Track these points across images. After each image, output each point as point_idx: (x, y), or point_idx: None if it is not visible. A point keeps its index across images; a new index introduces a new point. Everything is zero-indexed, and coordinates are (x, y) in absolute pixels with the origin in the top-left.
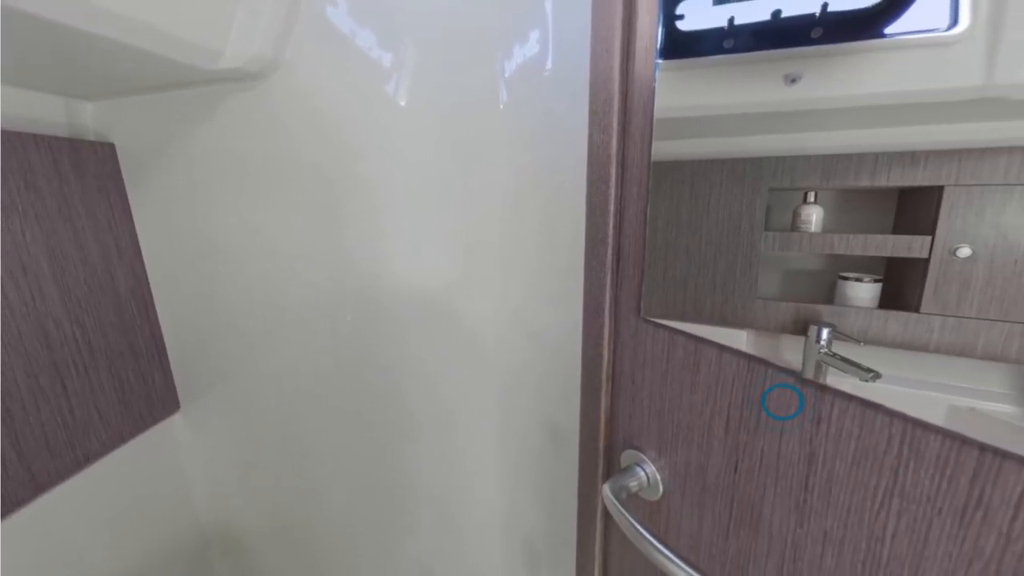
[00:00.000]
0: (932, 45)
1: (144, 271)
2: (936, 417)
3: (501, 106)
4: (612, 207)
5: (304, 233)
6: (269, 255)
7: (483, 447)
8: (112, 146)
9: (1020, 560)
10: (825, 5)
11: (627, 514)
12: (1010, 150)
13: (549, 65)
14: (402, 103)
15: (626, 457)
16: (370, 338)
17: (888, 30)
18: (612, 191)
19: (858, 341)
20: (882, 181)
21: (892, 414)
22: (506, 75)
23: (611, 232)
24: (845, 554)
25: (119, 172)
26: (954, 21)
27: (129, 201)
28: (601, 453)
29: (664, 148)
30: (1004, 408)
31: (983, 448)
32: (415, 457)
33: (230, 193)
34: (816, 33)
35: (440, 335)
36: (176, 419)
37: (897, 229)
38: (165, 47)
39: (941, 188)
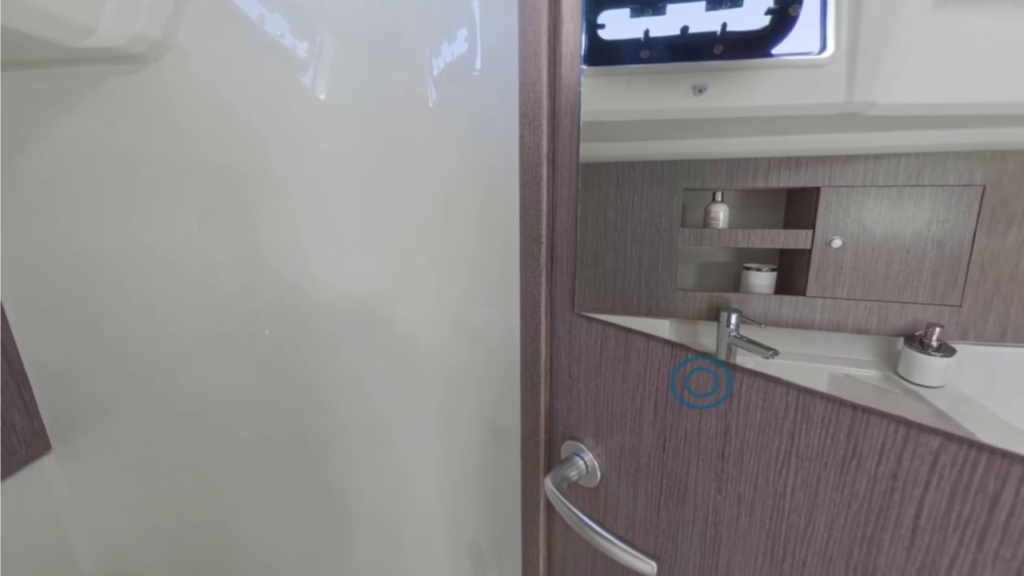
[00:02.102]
0: (807, 66)
1: None
2: (820, 384)
3: (430, 104)
4: (545, 206)
5: (210, 241)
6: (167, 267)
7: (423, 454)
8: None
9: (883, 497)
10: (724, 25)
11: (568, 503)
12: (865, 157)
13: (478, 65)
14: (322, 96)
15: (566, 448)
16: (293, 352)
17: (774, 51)
18: (544, 191)
19: (760, 323)
20: (774, 183)
21: (788, 385)
22: (434, 73)
23: (544, 231)
24: (755, 512)
25: None
26: (823, 46)
27: None
28: (542, 447)
29: (591, 150)
30: (869, 372)
31: (855, 407)
32: (349, 473)
33: (114, 196)
34: (718, 49)
35: (373, 343)
36: (47, 461)
37: (787, 224)
38: (19, 17)
39: (818, 189)
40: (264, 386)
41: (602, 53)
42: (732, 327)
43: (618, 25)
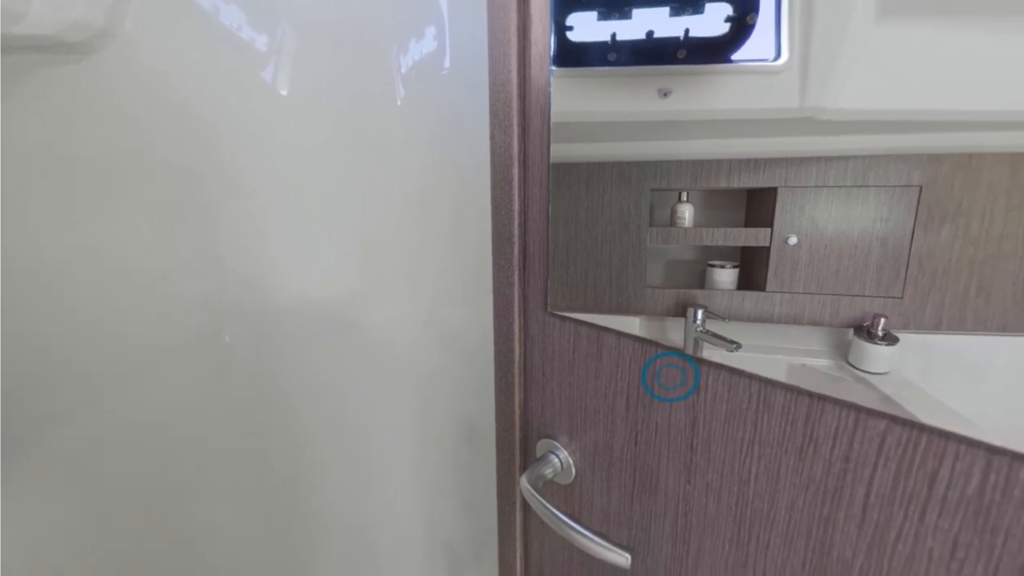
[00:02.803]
0: (764, 72)
1: None
2: (779, 375)
3: (399, 102)
4: (516, 206)
5: (163, 244)
6: (115, 273)
7: (397, 460)
8: None
9: (837, 478)
10: (687, 31)
11: (544, 501)
12: (817, 159)
13: (447, 64)
14: (284, 92)
15: (541, 447)
16: (256, 360)
17: (734, 57)
18: (516, 191)
19: (724, 318)
20: (735, 183)
21: (751, 377)
22: (402, 70)
23: (516, 231)
24: (722, 499)
25: None
26: (778, 54)
27: None
28: (517, 446)
29: (561, 150)
30: (823, 362)
31: (811, 395)
32: (319, 485)
33: (53, 196)
34: (682, 54)
35: (345, 348)
36: None
37: (747, 223)
38: None
39: (776, 189)
40: (225, 397)
41: (571, 55)
42: (698, 322)
43: (586, 27)
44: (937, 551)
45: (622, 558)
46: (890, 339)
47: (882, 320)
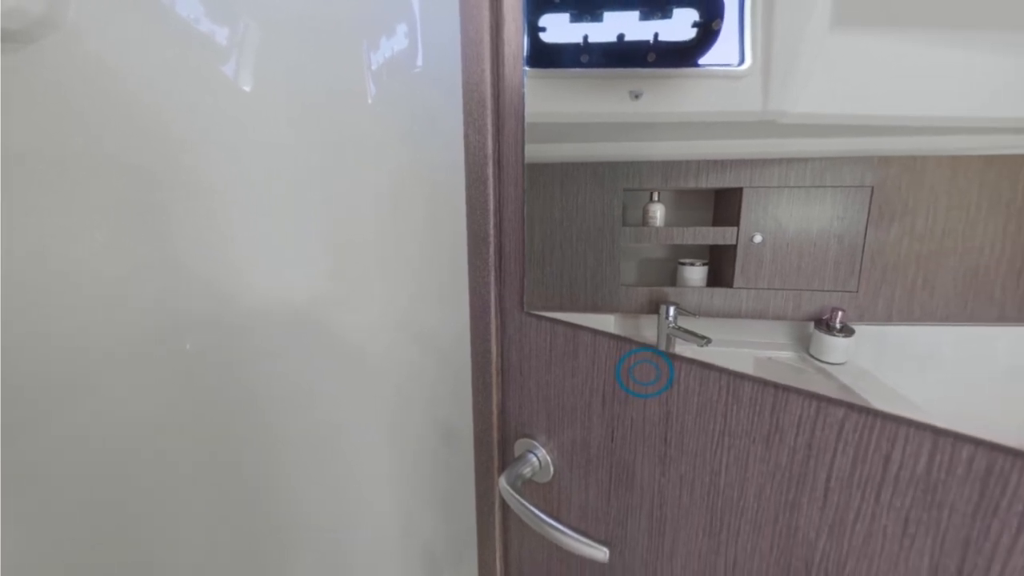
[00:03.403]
0: (729, 77)
1: None
2: (747, 368)
3: (369, 100)
4: (492, 206)
5: (117, 246)
6: (61, 280)
7: (374, 466)
8: None
9: (801, 465)
10: (656, 35)
11: (523, 500)
12: (780, 161)
13: (420, 62)
14: (247, 88)
15: (519, 446)
16: (222, 368)
17: (701, 61)
18: (491, 191)
19: (694, 314)
20: (703, 183)
21: (720, 370)
22: (373, 68)
23: (492, 231)
24: (695, 490)
25: None
26: (742, 59)
27: None
28: (495, 446)
29: (536, 151)
30: (787, 354)
31: (776, 387)
32: (294, 492)
33: None
34: (651, 57)
35: (318, 352)
36: None
37: (715, 222)
38: None
39: (741, 189)
40: (189, 408)
41: (544, 56)
42: (671, 319)
43: (559, 29)
44: (891, 528)
45: (600, 553)
46: (847, 331)
47: (839, 313)
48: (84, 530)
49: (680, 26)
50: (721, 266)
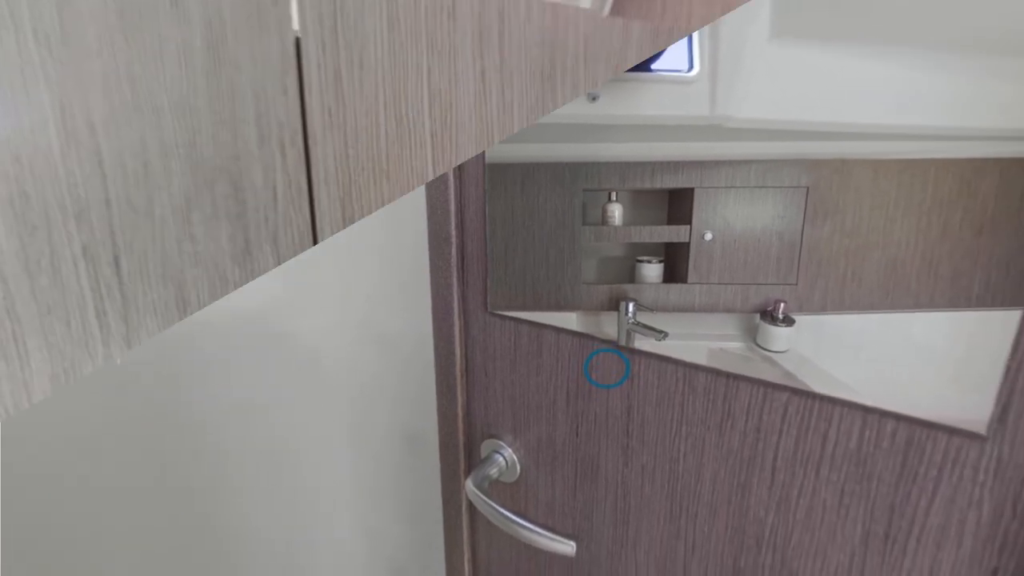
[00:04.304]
0: (680, 82)
1: None
2: (701, 359)
3: None
4: (453, 207)
5: None
6: None
7: (335, 479)
8: None
9: (751, 448)
10: None
11: (490, 501)
12: (727, 163)
13: None
14: None
15: (485, 447)
16: (161, 383)
17: (654, 66)
18: (452, 191)
19: (652, 310)
20: (658, 184)
21: (677, 362)
22: None
23: (454, 231)
24: (656, 479)
25: None
26: (691, 66)
27: None
28: (461, 449)
29: (497, 151)
30: (737, 344)
31: (728, 376)
32: (248, 513)
33: None
34: None
35: (269, 363)
36: None
37: (670, 221)
38: None
39: (693, 189)
40: (122, 430)
41: None
42: (630, 315)
43: None
44: (829, 500)
45: (567, 547)
46: (788, 321)
47: (781, 305)
48: (16, 561)
49: None
50: (676, 263)
